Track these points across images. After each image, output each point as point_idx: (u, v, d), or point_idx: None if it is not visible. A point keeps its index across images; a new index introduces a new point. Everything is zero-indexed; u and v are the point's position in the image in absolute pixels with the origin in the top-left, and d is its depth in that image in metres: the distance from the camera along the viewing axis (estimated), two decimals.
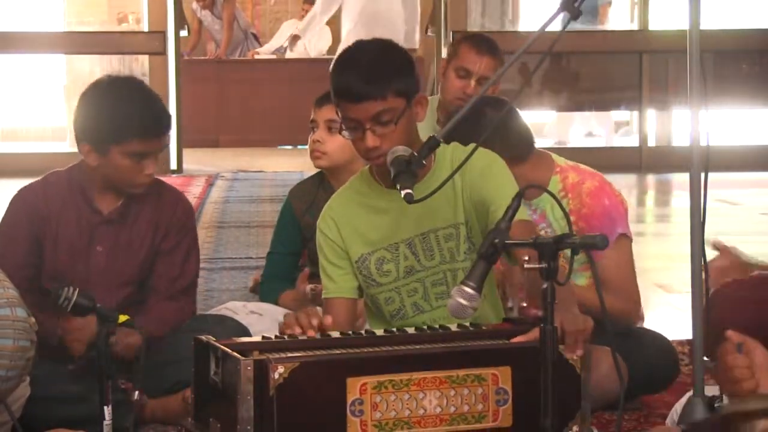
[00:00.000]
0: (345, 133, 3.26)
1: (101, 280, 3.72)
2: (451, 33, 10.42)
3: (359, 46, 3.34)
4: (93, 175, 3.75)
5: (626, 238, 3.78)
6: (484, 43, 5.13)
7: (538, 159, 3.85)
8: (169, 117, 3.78)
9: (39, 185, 3.84)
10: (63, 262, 3.75)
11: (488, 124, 3.35)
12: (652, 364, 3.74)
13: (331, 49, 13.91)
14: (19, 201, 3.82)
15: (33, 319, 3.09)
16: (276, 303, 4.52)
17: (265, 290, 4.67)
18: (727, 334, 2.64)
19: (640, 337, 3.84)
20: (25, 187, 3.86)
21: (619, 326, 3.39)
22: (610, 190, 3.81)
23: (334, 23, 12.51)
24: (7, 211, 3.84)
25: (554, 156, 3.90)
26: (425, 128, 4.29)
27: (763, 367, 2.62)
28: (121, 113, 3.65)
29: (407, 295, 3.41)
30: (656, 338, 3.90)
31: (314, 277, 4.35)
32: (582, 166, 3.90)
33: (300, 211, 4.61)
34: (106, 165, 3.69)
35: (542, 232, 3.60)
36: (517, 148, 3.76)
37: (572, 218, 3.69)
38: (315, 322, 3.06)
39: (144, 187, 3.75)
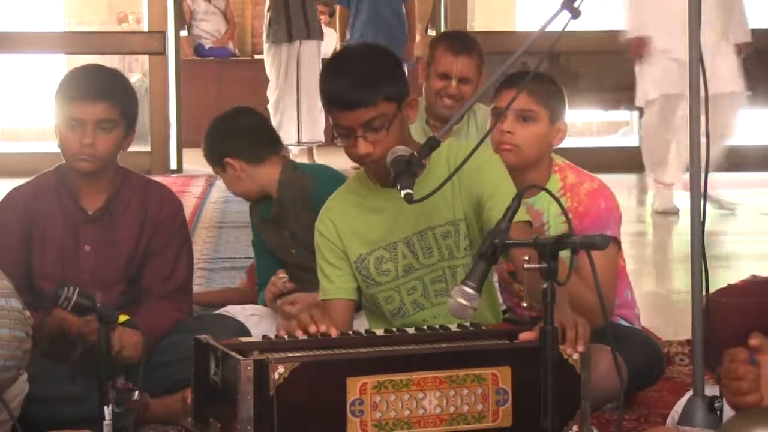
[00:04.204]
0: (337, 140, 3.26)
1: (92, 279, 3.71)
2: None
3: (348, 52, 3.33)
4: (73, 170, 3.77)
5: (615, 242, 3.78)
6: (458, 42, 5.04)
7: None
8: (111, 87, 3.75)
9: (29, 186, 3.85)
10: (52, 262, 3.75)
11: None
12: (633, 360, 3.70)
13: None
14: (9, 201, 3.83)
15: (28, 313, 3.09)
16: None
17: (262, 297, 4.67)
18: (751, 343, 2.58)
19: (624, 334, 3.81)
20: (15, 187, 3.87)
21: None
22: (609, 193, 3.81)
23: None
24: None
25: (552, 155, 3.91)
26: (415, 130, 4.28)
27: None
28: (63, 82, 3.75)
29: (407, 294, 3.41)
30: (639, 335, 3.88)
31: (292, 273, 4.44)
32: (577, 167, 3.91)
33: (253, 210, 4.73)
34: (59, 142, 3.72)
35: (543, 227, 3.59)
36: None
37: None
38: (323, 328, 3.04)
39: (90, 164, 3.70)
